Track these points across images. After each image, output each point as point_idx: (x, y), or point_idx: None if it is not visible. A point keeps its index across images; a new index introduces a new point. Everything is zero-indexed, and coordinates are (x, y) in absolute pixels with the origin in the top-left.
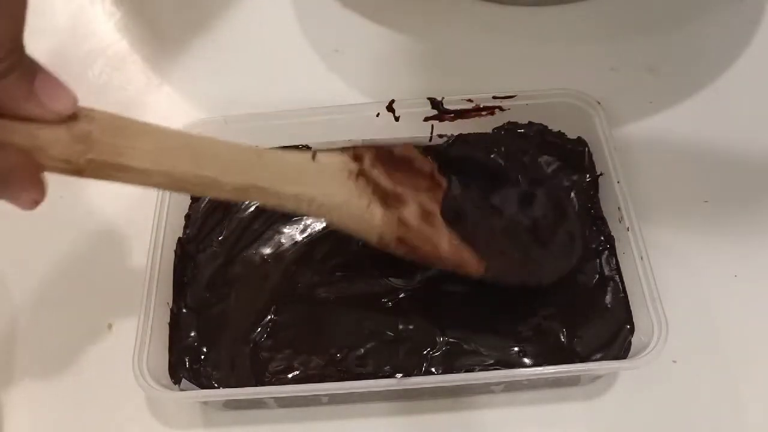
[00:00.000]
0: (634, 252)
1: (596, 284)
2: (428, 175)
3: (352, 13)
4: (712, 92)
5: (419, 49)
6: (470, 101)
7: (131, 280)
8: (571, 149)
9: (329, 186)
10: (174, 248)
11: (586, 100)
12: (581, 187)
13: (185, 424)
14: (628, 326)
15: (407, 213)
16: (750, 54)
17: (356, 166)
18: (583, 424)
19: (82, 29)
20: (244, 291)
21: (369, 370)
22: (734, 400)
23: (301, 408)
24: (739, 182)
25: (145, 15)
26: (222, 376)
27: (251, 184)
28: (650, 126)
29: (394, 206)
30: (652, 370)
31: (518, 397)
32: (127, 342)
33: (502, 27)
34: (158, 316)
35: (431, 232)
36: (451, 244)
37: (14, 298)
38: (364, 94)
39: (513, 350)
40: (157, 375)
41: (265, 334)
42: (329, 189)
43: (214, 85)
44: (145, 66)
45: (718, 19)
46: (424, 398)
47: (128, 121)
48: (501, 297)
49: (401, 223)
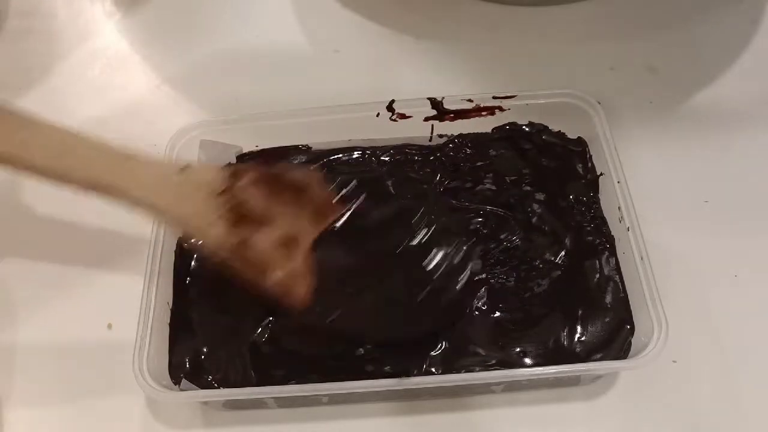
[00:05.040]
0: (634, 252)
1: (596, 284)
2: (320, 204)
3: (352, 13)
4: (712, 92)
5: (419, 49)
6: (470, 101)
7: (131, 280)
8: (571, 149)
9: (179, 199)
10: (174, 248)
11: (586, 100)
12: (581, 187)
13: (185, 424)
14: (628, 326)
15: (261, 236)
16: (750, 54)
17: (224, 184)
18: (583, 424)
19: (82, 29)
20: (244, 291)
21: (369, 370)
22: (734, 400)
23: (301, 408)
24: (739, 182)
25: (145, 15)
26: (222, 376)
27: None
28: (650, 126)
29: (250, 227)
30: (652, 370)
31: (518, 397)
32: (127, 342)
33: (502, 27)
34: (158, 316)
35: (276, 260)
36: (290, 275)
37: (14, 298)
38: (364, 94)
39: (513, 350)
40: (157, 375)
41: (266, 334)
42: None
43: (214, 85)
44: (145, 66)
45: (718, 19)
46: (424, 398)
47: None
48: (501, 297)
49: (241, 244)
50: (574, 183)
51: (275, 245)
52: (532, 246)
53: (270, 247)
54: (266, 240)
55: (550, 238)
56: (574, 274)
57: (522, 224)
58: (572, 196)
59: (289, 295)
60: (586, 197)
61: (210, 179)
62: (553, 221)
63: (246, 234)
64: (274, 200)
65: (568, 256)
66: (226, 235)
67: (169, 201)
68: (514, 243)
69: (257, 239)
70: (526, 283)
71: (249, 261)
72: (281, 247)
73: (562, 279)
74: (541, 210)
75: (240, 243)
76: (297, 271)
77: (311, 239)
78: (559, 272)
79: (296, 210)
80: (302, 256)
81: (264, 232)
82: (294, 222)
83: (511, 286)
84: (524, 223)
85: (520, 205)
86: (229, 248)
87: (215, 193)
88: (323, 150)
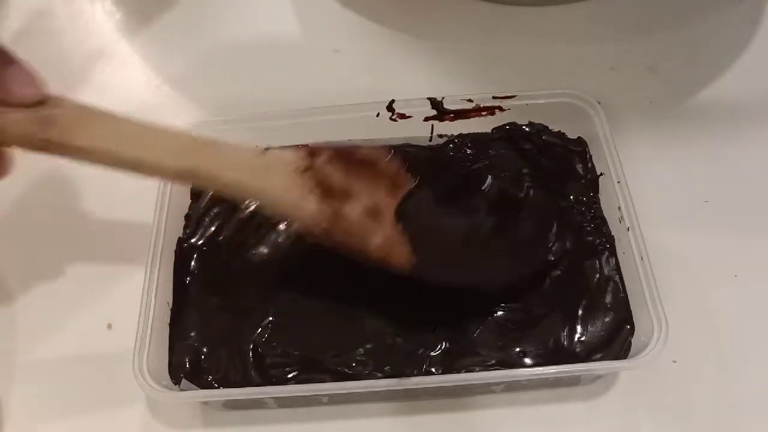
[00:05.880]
0: (634, 252)
1: (596, 284)
2: (392, 176)
3: (352, 13)
4: (712, 92)
5: (419, 49)
6: (470, 101)
7: (131, 280)
8: (571, 149)
9: (268, 178)
10: (174, 248)
11: (586, 100)
12: (581, 187)
13: (185, 424)
14: (628, 326)
15: (350, 207)
16: (750, 54)
17: (306, 163)
18: (583, 424)
19: (82, 29)
20: (244, 291)
21: (369, 370)
22: (734, 400)
23: (301, 408)
24: (739, 182)
25: (145, 15)
26: (222, 376)
27: (189, 170)
28: (650, 126)
29: (338, 200)
30: (652, 370)
31: (518, 397)
32: (127, 342)
33: (502, 27)
34: (158, 316)
35: (370, 227)
36: (387, 240)
37: (14, 298)
38: (364, 94)
39: (513, 350)
40: (157, 375)
41: (266, 334)
42: (268, 180)
43: (214, 85)
44: (145, 66)
45: (718, 19)
46: (424, 398)
47: (93, 110)
48: (501, 297)
49: (336, 215)
50: (574, 183)
51: (364, 215)
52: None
53: (361, 216)
54: (356, 210)
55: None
56: (574, 274)
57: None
58: (572, 196)
59: (391, 258)
60: (586, 197)
61: (292, 159)
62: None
63: (336, 206)
64: (352, 175)
65: (568, 256)
66: (320, 209)
67: (260, 181)
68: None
69: (349, 210)
70: (526, 283)
71: (346, 231)
72: (369, 217)
73: (562, 279)
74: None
75: (334, 214)
76: (392, 236)
77: (393, 209)
78: (559, 272)
79: (373, 183)
80: (389, 223)
81: (352, 203)
82: (374, 194)
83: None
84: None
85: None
86: (325, 220)
87: (300, 171)
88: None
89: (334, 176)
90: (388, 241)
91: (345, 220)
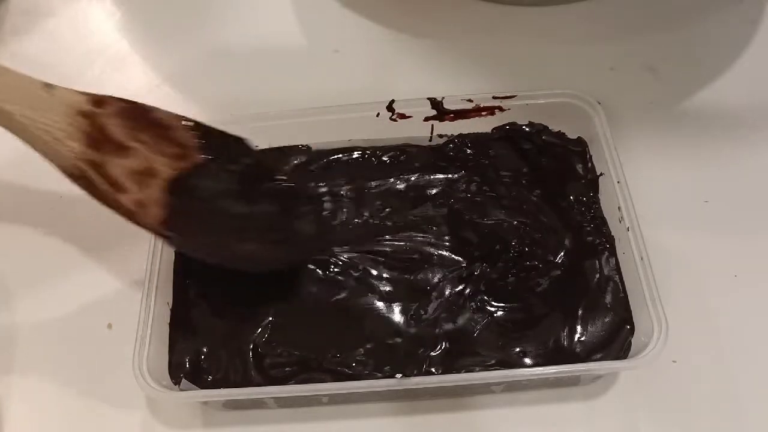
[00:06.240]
0: (634, 252)
1: (596, 284)
2: (183, 146)
3: (352, 13)
4: (712, 92)
5: (419, 49)
6: (470, 101)
7: (131, 280)
8: (571, 149)
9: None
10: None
11: (586, 100)
12: (581, 187)
13: (185, 424)
14: (628, 326)
15: (116, 161)
16: (750, 54)
17: (88, 108)
18: (583, 424)
19: (82, 29)
20: (244, 291)
21: (369, 370)
22: (734, 400)
23: (301, 408)
24: (739, 182)
25: (145, 15)
26: (222, 376)
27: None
28: (650, 126)
29: (106, 152)
30: (652, 370)
31: (518, 397)
32: (127, 342)
33: (502, 27)
34: (158, 316)
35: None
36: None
37: (14, 298)
38: (364, 94)
39: (513, 350)
40: (157, 375)
41: (266, 334)
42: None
43: (215, 85)
44: (145, 66)
45: (718, 19)
46: (424, 398)
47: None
48: (501, 297)
49: (93, 165)
50: (574, 183)
51: (129, 173)
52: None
53: (123, 172)
54: (120, 166)
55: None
56: (574, 274)
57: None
58: (572, 196)
59: (136, 218)
60: (586, 197)
61: (75, 100)
62: (553, 221)
63: (99, 157)
64: (136, 133)
65: (568, 256)
66: (80, 152)
67: (27, 110)
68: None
69: (112, 164)
70: (526, 283)
71: (101, 180)
72: (136, 175)
73: (562, 279)
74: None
75: (93, 162)
76: (149, 200)
77: (167, 175)
78: (559, 272)
79: (156, 146)
80: (157, 188)
81: (120, 159)
82: (151, 157)
83: (511, 286)
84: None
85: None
86: (81, 164)
87: (77, 113)
88: (323, 150)
89: (114, 129)
90: (138, 204)
91: (103, 170)
